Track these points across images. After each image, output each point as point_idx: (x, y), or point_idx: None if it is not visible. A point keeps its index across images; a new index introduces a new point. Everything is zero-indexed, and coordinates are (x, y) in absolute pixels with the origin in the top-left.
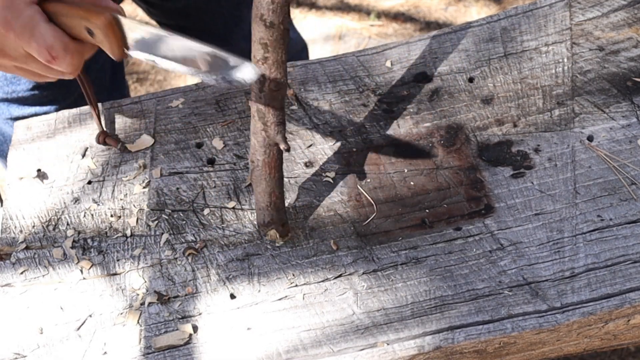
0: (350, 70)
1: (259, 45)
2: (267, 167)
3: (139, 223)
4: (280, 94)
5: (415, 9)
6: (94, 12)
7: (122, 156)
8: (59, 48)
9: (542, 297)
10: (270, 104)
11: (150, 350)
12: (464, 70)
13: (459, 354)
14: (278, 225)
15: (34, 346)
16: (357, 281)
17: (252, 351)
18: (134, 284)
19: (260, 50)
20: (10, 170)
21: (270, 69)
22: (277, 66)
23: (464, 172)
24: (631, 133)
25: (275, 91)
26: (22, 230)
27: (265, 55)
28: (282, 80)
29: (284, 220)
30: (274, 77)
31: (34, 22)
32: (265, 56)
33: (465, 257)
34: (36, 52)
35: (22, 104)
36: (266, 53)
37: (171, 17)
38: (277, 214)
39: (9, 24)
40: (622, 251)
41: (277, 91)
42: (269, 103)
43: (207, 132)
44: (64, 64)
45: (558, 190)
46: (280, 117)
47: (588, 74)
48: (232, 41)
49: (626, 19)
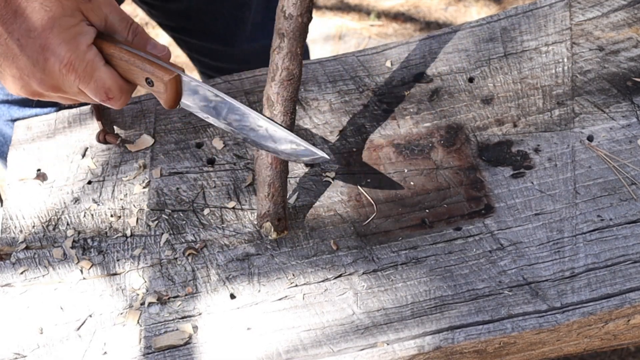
0: (350, 70)
1: (277, 35)
2: (270, 157)
3: (139, 223)
4: (292, 84)
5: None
6: (162, 68)
7: (122, 156)
8: (116, 90)
9: (542, 297)
10: (280, 93)
11: (150, 350)
12: (464, 70)
13: (459, 354)
14: (274, 219)
15: (34, 346)
16: (357, 281)
17: (252, 351)
18: (134, 284)
19: (277, 40)
20: (10, 170)
21: (283, 59)
22: (290, 57)
23: (464, 172)
24: (631, 133)
25: (287, 81)
26: (22, 230)
27: (280, 44)
28: (294, 72)
29: (281, 215)
30: (286, 67)
31: (95, 66)
32: (281, 45)
33: (465, 257)
34: (93, 92)
35: (23, 106)
36: (282, 43)
37: (172, 19)
38: (274, 207)
39: (72, 67)
40: (622, 251)
41: (289, 81)
42: (280, 92)
43: (207, 132)
44: (117, 104)
45: (558, 190)
46: (288, 108)
47: (588, 74)
48: (233, 43)
49: (626, 19)
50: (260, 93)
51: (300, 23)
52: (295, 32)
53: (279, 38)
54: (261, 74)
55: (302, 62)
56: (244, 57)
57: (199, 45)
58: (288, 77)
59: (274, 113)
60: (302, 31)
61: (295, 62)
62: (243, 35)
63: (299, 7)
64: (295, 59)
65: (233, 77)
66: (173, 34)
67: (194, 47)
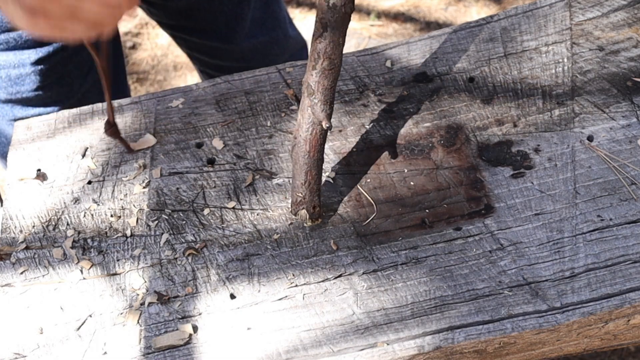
0: (350, 70)
1: (319, 24)
2: (308, 145)
3: (139, 223)
4: (333, 73)
5: (415, 9)
6: None
7: (122, 156)
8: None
9: (542, 297)
10: (321, 82)
11: (150, 350)
12: (464, 70)
13: (459, 354)
14: (309, 206)
15: (34, 346)
16: (357, 281)
17: (252, 351)
18: (134, 284)
19: (319, 29)
20: (10, 170)
21: (325, 48)
22: (332, 46)
23: (464, 172)
24: (631, 133)
25: (328, 70)
26: (22, 230)
27: (323, 33)
28: (336, 61)
29: (316, 202)
30: (328, 55)
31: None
32: (324, 35)
33: (465, 257)
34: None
35: (26, 105)
36: (325, 32)
37: (172, 17)
38: (310, 194)
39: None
40: (622, 251)
41: (330, 70)
42: (320, 81)
43: (207, 132)
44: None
45: (558, 190)
46: (328, 97)
47: (588, 74)
48: (234, 40)
49: (626, 19)
50: (260, 93)
51: (343, 13)
52: (338, 22)
53: (322, 28)
54: (261, 74)
55: (342, 52)
56: (243, 54)
57: (199, 43)
58: (330, 67)
59: (313, 102)
60: (345, 21)
61: (337, 52)
62: (242, 33)
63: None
64: (337, 49)
65: (233, 77)
66: (172, 32)
67: (194, 45)
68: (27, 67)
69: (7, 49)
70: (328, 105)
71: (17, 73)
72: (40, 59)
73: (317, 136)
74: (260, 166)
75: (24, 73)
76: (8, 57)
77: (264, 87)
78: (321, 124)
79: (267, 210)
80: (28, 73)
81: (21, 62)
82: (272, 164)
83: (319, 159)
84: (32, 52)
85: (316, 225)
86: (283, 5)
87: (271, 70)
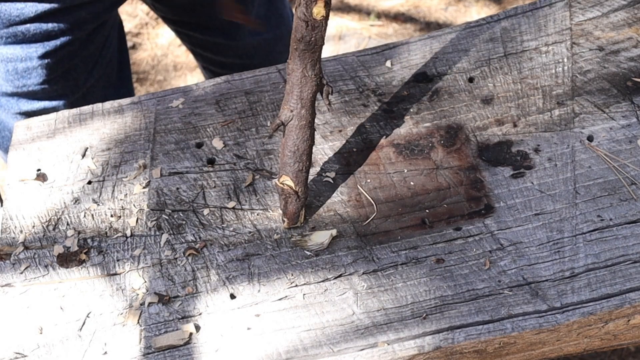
0: (350, 70)
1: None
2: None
3: (139, 223)
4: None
5: (415, 9)
6: None
7: (122, 156)
8: None
9: (542, 297)
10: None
11: (150, 350)
12: (464, 70)
13: (459, 354)
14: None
15: (34, 346)
16: (357, 281)
17: (252, 351)
18: (134, 284)
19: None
20: (11, 170)
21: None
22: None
23: (464, 172)
24: (631, 133)
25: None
26: (22, 230)
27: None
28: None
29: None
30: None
31: None
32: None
33: (465, 257)
34: None
35: (32, 98)
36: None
37: (176, 13)
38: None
39: None
40: (622, 251)
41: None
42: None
43: (207, 132)
44: None
45: (558, 190)
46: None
47: (588, 74)
48: (237, 37)
49: (626, 19)
50: (260, 93)
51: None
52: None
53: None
54: (261, 74)
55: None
56: (246, 51)
57: (202, 39)
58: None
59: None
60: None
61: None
62: (246, 29)
63: None
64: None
65: (234, 77)
66: (176, 28)
67: (197, 42)
68: (33, 60)
69: (15, 43)
70: (319, 64)
71: (24, 66)
72: (46, 52)
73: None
74: (260, 166)
75: (31, 67)
76: (15, 51)
77: (264, 87)
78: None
79: (267, 210)
80: (35, 67)
81: (28, 56)
82: (272, 164)
83: (310, 137)
84: (39, 46)
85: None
86: (287, 3)
87: (271, 70)
